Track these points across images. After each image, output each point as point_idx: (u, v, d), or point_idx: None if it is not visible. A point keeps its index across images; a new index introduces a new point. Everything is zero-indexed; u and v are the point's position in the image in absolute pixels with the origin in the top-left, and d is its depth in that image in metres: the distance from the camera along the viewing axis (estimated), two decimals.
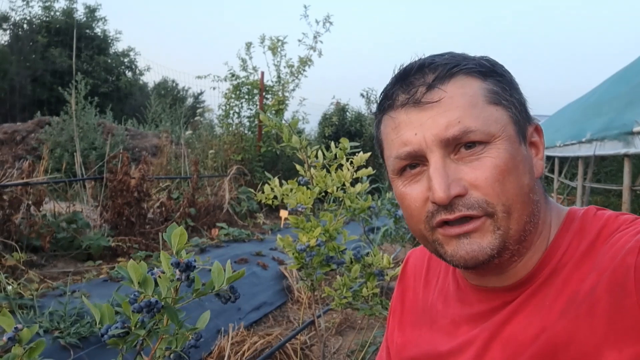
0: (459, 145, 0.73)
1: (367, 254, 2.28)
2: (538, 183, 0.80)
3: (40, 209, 4.50)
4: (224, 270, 1.18)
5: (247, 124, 9.13)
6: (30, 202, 4.35)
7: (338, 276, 2.25)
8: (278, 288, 4.27)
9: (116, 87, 23.83)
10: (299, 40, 8.90)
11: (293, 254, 2.16)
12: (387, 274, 2.25)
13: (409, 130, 0.75)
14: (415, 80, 0.76)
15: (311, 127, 12.97)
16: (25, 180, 4.46)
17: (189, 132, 9.59)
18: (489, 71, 0.78)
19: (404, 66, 0.80)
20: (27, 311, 2.69)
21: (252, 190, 2.69)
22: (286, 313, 3.96)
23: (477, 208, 0.72)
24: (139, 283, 1.14)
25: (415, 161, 0.77)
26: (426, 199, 0.76)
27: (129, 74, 26.58)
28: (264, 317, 3.75)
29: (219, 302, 1.25)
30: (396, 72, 0.81)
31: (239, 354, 2.78)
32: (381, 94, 0.83)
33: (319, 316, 2.58)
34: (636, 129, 4.00)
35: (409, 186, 0.79)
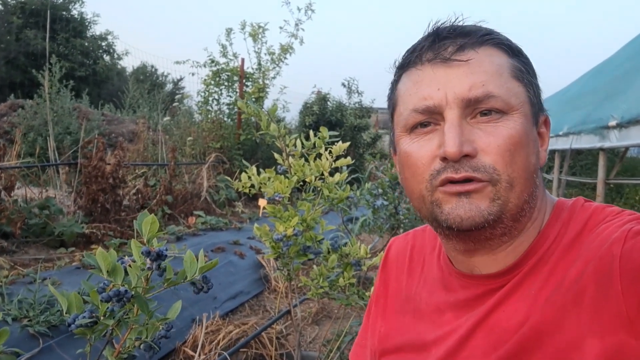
0: (478, 109, 0.73)
1: (345, 244, 2.27)
2: (539, 172, 0.81)
3: (12, 194, 4.39)
4: (197, 260, 1.15)
5: (227, 111, 9.05)
6: (0, 187, 4.23)
7: (315, 266, 2.24)
8: (255, 277, 4.25)
9: (93, 71, 23.30)
10: (281, 28, 8.83)
11: (270, 243, 2.14)
12: (364, 264, 2.25)
13: (432, 85, 0.76)
14: (446, 40, 0.77)
15: (292, 116, 12.92)
16: None
17: (167, 118, 9.44)
18: (517, 50, 0.79)
19: (437, 25, 0.80)
20: None
21: (230, 179, 2.66)
22: (263, 302, 3.95)
23: (483, 172, 0.72)
24: (108, 272, 1.11)
25: (430, 119, 0.76)
26: (434, 157, 0.75)
27: (106, 58, 26.01)
28: (240, 306, 3.73)
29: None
30: (429, 28, 0.81)
31: (214, 343, 2.76)
32: (407, 51, 0.83)
33: (295, 306, 2.57)
34: (611, 123, 4.06)
35: (417, 143, 0.78)
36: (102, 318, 1.12)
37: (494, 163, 0.72)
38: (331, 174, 2.25)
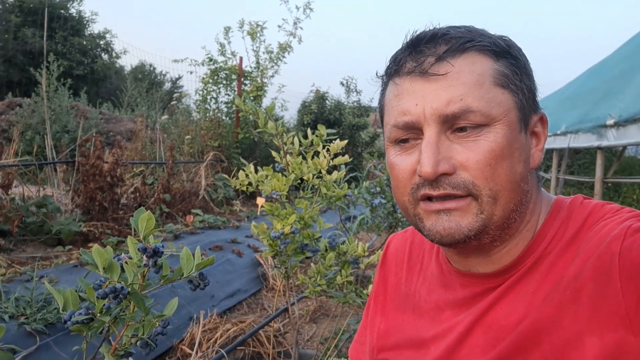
0: (456, 125, 0.72)
1: (343, 242, 2.27)
2: (532, 173, 0.80)
3: (9, 192, 4.38)
4: (193, 257, 1.15)
5: (225, 109, 9.02)
6: None
7: (313, 264, 2.24)
8: (253, 275, 4.25)
9: (91, 70, 23.27)
10: (279, 26, 8.82)
11: (267, 241, 2.13)
12: (361, 262, 2.25)
13: (411, 99, 0.74)
14: (426, 50, 0.75)
15: (290, 115, 12.94)
16: None
17: (165, 116, 9.42)
18: (503, 52, 0.76)
19: (417, 33, 0.78)
20: None
21: (228, 177, 2.66)
22: (260, 300, 3.95)
23: (462, 188, 0.72)
24: (104, 269, 1.11)
25: (411, 133, 0.76)
26: (414, 171, 0.75)
27: (105, 56, 25.97)
28: (238, 304, 3.73)
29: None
30: (408, 37, 0.78)
31: (211, 341, 2.76)
32: (390, 59, 0.81)
33: (292, 304, 2.57)
34: (609, 122, 4.06)
35: (400, 156, 0.78)
36: (98, 315, 1.12)
37: (474, 178, 0.71)
38: (329, 172, 2.24)
